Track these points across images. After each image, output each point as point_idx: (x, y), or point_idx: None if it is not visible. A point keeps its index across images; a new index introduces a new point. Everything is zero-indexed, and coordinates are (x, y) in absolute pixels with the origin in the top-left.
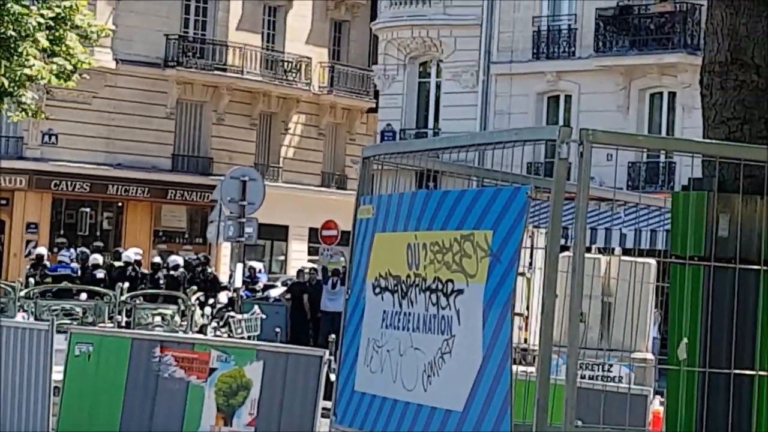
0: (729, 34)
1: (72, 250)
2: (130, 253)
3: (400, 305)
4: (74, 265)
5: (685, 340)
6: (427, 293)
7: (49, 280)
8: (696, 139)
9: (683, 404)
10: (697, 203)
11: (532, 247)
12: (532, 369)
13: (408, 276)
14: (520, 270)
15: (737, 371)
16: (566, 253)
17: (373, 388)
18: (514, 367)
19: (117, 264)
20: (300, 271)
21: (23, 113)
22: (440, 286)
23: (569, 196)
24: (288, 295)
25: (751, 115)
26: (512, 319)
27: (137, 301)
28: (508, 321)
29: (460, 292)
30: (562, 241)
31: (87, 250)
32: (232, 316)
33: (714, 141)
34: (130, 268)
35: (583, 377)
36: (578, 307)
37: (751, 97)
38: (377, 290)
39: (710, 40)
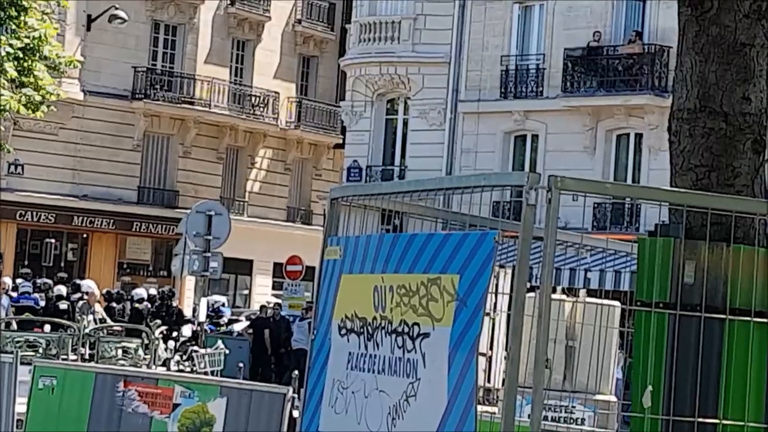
0: (698, 81)
1: (34, 280)
2: (86, 285)
3: (366, 347)
4: (36, 295)
5: (650, 387)
6: (393, 336)
7: (12, 310)
8: (664, 188)
9: None
10: (663, 250)
11: (497, 289)
12: (495, 410)
13: (374, 318)
14: (486, 310)
15: (701, 419)
16: (531, 294)
17: (338, 429)
18: (479, 407)
19: (74, 296)
20: (263, 307)
21: None
22: (406, 330)
23: (535, 235)
24: (250, 330)
25: (719, 163)
26: (477, 362)
27: (101, 334)
28: (473, 365)
29: (426, 335)
30: (528, 283)
31: (50, 281)
32: (196, 351)
33: (681, 190)
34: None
35: (546, 419)
36: (543, 353)
37: (718, 144)
38: (343, 332)
39: (679, 86)
